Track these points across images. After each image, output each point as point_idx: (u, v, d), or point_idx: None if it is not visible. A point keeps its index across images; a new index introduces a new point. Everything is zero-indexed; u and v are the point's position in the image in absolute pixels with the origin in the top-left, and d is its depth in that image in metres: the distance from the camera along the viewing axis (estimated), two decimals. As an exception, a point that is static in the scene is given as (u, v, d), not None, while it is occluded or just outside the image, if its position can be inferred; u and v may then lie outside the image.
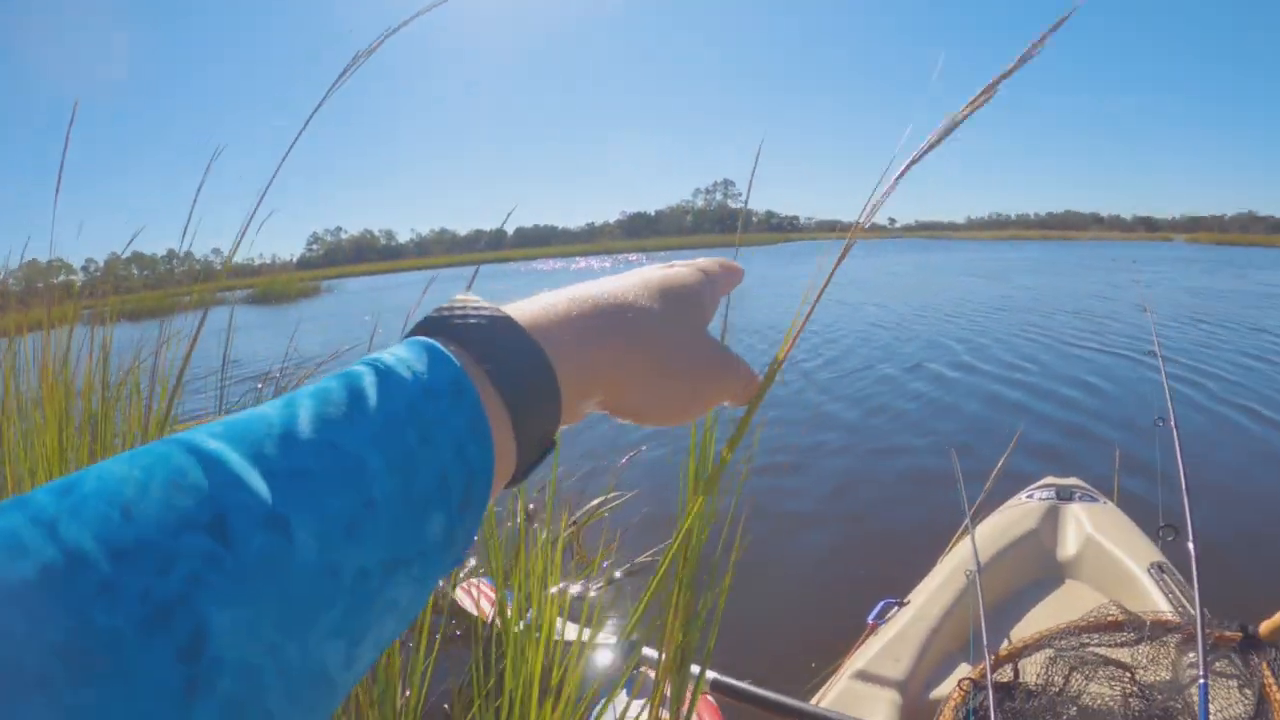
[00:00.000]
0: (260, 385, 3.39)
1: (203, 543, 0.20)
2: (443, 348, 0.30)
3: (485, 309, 0.33)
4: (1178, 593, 1.85)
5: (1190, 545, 1.47)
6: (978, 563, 2.00)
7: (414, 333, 0.33)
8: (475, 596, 2.49)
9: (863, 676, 1.80)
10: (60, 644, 0.17)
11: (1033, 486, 2.69)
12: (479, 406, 0.29)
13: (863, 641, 1.98)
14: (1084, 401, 6.16)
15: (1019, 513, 2.49)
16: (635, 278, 0.40)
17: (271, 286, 24.55)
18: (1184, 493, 1.50)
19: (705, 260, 0.46)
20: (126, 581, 0.19)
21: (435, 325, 0.33)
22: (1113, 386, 6.66)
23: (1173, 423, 1.83)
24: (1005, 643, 1.62)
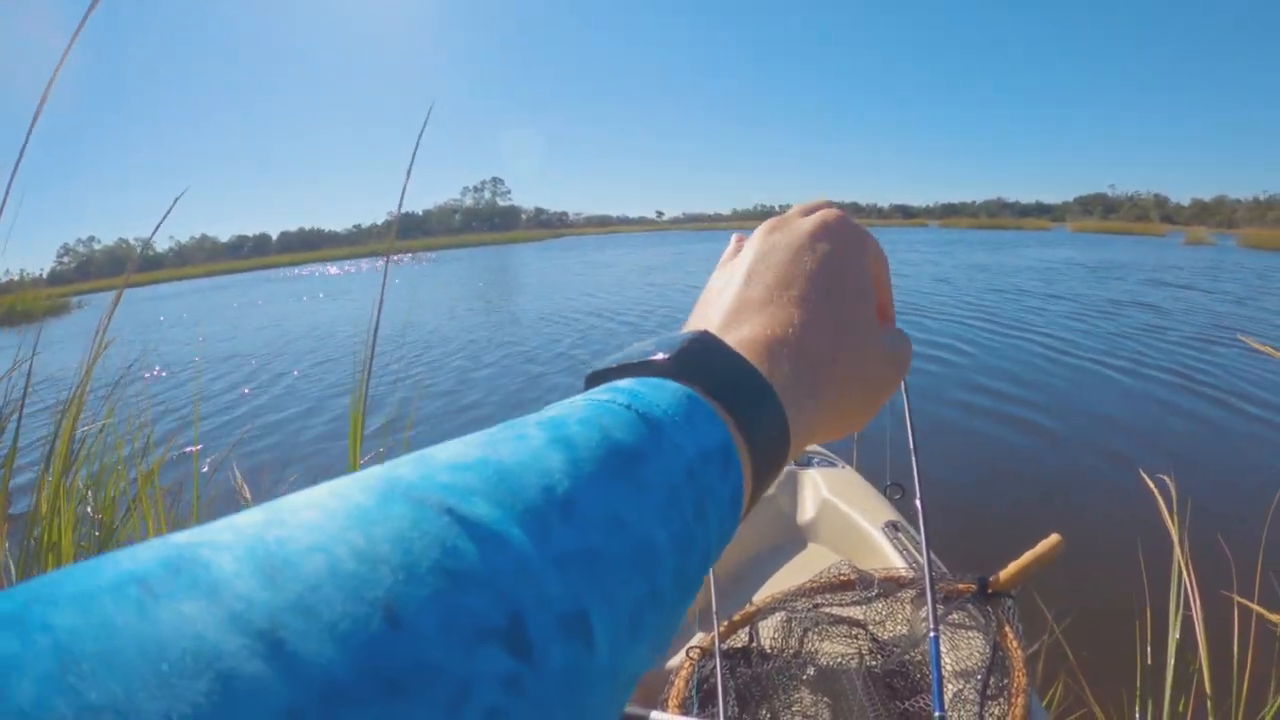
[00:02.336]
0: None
1: (501, 660, 0.15)
2: (707, 402, 0.27)
3: (723, 350, 0.30)
4: (911, 549, 1.86)
5: (918, 502, 1.44)
6: None
7: (658, 369, 0.28)
8: None
9: None
10: None
11: None
12: (742, 478, 0.26)
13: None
14: None
15: None
16: (812, 286, 0.36)
17: (13, 305, 21.83)
18: (911, 453, 1.47)
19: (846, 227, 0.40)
20: None
21: (683, 363, 0.28)
22: None
23: (902, 385, 1.84)
24: (748, 605, 1.53)
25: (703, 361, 0.29)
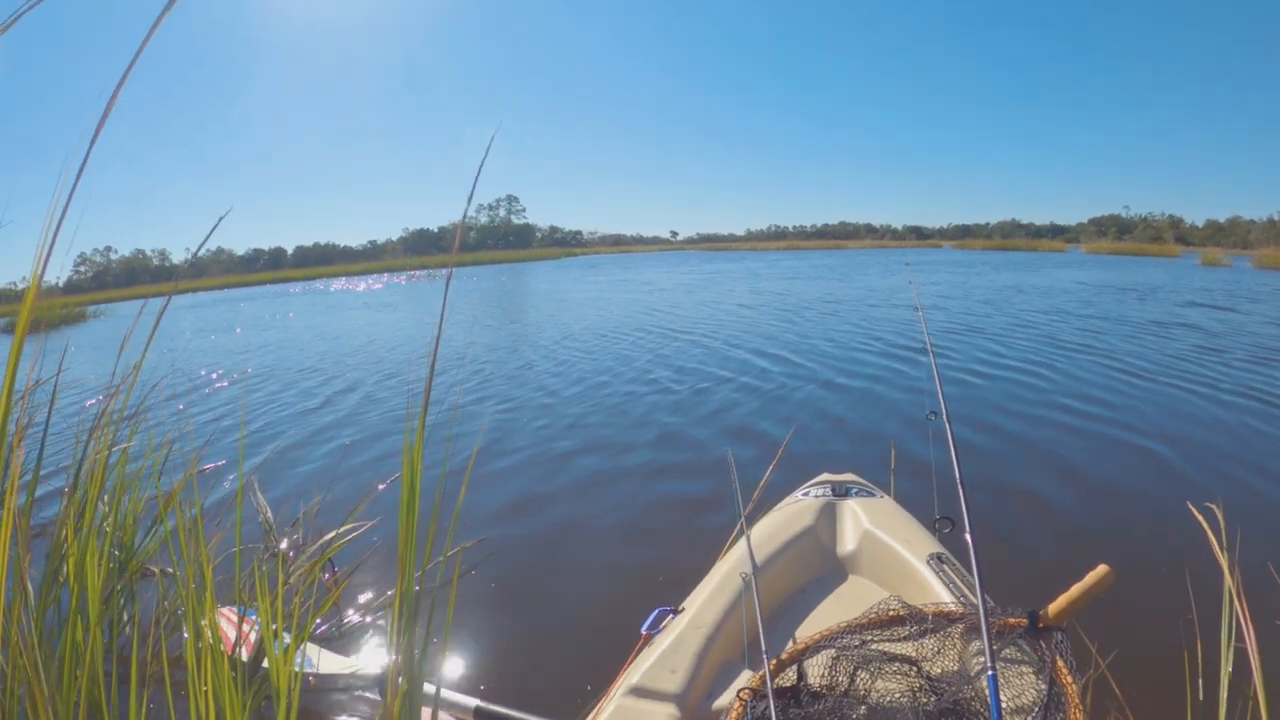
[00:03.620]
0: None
1: None
2: None
3: None
4: (958, 582, 1.82)
5: (968, 536, 1.42)
6: (753, 564, 1.92)
7: None
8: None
9: (637, 692, 1.64)
10: None
11: (808, 484, 2.64)
12: None
13: (637, 654, 1.80)
14: (865, 397, 6.43)
15: (795, 511, 2.42)
16: None
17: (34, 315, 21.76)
18: (959, 484, 1.46)
19: None
20: None
21: None
22: (889, 384, 7.03)
23: (944, 416, 1.82)
24: (790, 643, 1.50)
25: None
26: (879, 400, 6.35)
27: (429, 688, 1.61)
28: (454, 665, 2.54)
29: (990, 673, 1.15)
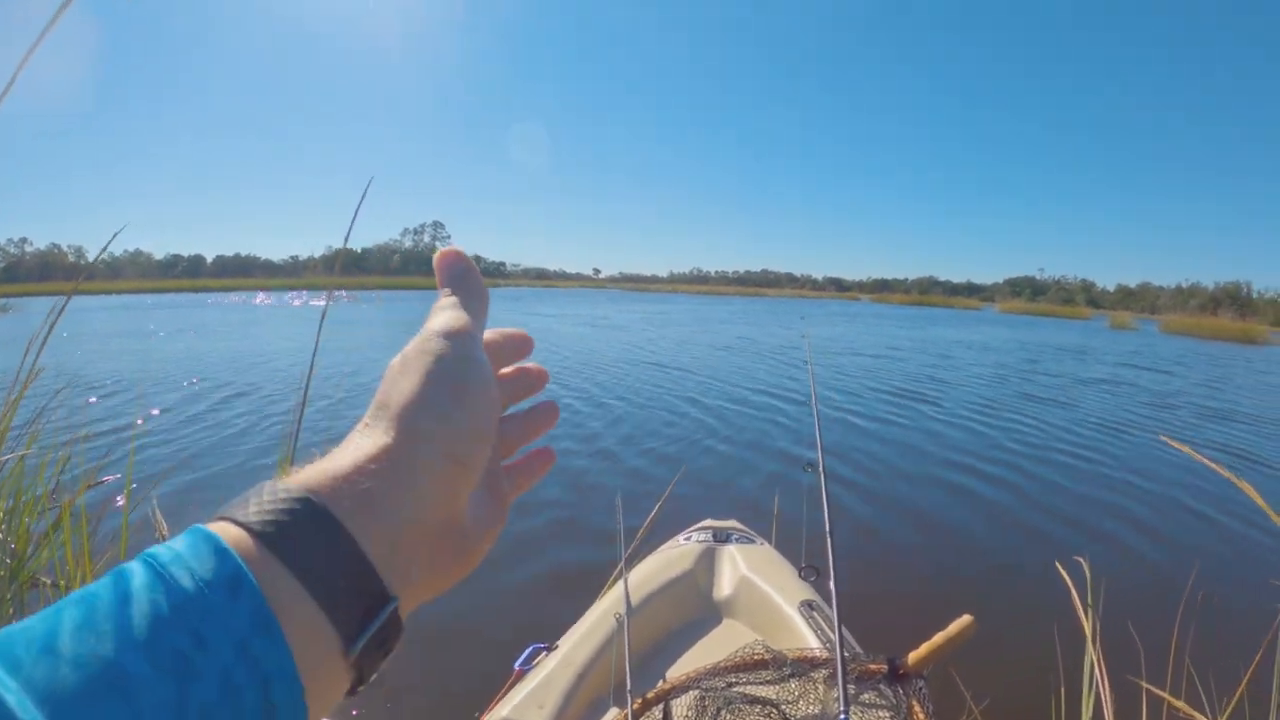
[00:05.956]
0: None
1: None
2: (221, 538, 0.28)
3: (288, 493, 0.30)
4: (826, 629, 1.86)
5: (831, 585, 1.45)
6: (628, 604, 1.97)
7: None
8: None
9: None
10: None
11: (690, 529, 2.69)
12: (258, 598, 0.26)
13: (508, 689, 1.78)
14: (755, 446, 6.62)
15: (675, 555, 2.46)
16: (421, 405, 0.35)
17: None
18: (827, 535, 1.49)
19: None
20: None
21: (231, 513, 0.29)
22: (780, 431, 7.31)
23: (820, 468, 1.87)
24: (660, 683, 1.51)
25: (256, 506, 0.29)
26: (768, 448, 6.59)
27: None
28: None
29: (842, 716, 1.17)
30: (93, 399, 8.14)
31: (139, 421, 7.03)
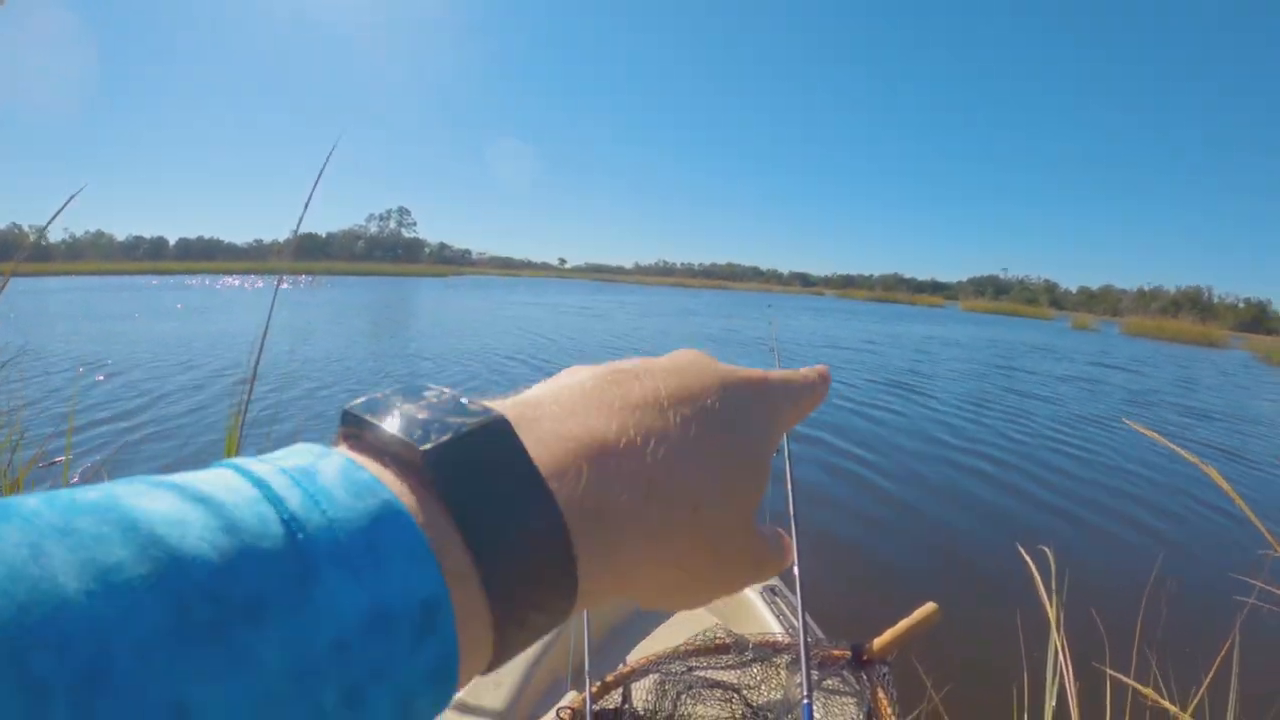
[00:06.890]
0: None
1: None
2: (414, 520, 0.19)
3: (509, 451, 0.22)
4: (788, 614, 1.85)
5: (795, 570, 1.42)
6: None
7: (354, 438, 0.22)
8: None
9: (461, 707, 1.64)
10: None
11: None
12: (452, 651, 0.19)
13: (465, 670, 1.75)
14: None
15: None
16: (712, 415, 0.28)
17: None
18: (791, 519, 1.46)
19: (805, 373, 0.37)
20: None
21: (441, 468, 0.20)
22: None
23: (786, 452, 1.85)
24: (621, 666, 1.48)
25: (467, 469, 0.21)
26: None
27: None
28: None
29: (806, 702, 1.15)
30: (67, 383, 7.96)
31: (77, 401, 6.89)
